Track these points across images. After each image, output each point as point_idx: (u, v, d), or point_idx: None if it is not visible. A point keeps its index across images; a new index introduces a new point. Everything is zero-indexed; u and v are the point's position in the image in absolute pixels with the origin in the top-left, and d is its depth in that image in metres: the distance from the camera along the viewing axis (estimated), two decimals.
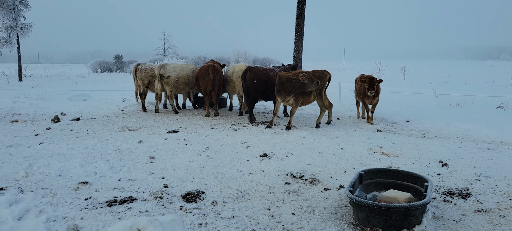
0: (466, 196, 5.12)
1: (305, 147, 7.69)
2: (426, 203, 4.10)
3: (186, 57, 53.21)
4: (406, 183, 5.01)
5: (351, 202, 4.27)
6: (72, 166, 6.16)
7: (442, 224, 4.27)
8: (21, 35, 29.43)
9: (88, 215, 4.40)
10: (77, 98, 15.95)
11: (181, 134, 8.87)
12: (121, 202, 4.77)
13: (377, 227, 4.10)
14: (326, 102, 10.19)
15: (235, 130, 9.35)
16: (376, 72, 30.70)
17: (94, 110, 12.43)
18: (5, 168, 6.07)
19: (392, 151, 7.40)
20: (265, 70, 10.63)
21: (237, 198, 4.99)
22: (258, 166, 6.38)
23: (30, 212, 4.46)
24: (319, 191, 5.29)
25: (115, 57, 57.09)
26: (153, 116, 11.50)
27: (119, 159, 6.70)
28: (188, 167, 6.28)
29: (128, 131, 9.26)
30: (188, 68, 12.25)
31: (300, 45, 16.83)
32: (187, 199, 4.92)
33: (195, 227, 4.14)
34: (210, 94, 11.39)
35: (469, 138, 8.80)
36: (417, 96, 16.81)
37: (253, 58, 57.75)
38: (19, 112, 12.00)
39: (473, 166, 6.44)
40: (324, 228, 4.18)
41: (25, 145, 7.63)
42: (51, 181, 5.50)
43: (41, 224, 4.08)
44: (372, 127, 10.07)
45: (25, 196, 4.88)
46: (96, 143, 7.79)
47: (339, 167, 6.39)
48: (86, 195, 4.99)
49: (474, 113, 11.80)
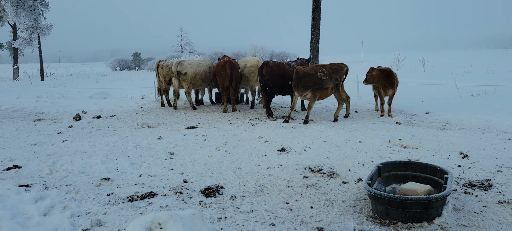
0: (488, 188, 5.03)
1: (323, 140, 7.67)
2: (446, 195, 4.06)
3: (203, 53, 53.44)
4: (426, 175, 4.96)
5: (370, 195, 4.26)
6: (94, 163, 6.32)
7: (463, 216, 4.22)
8: (42, 36, 30.09)
9: (110, 210, 4.52)
10: (97, 96, 16.28)
11: (200, 129, 8.96)
12: (142, 198, 4.88)
13: (396, 220, 4.08)
14: (343, 95, 10.12)
15: (253, 125, 9.39)
16: (395, 64, 30.27)
17: (114, 108, 12.66)
18: (30, 165, 6.27)
19: (412, 143, 7.31)
20: (282, 65, 10.62)
21: (255, 192, 5.03)
22: (276, 160, 6.41)
23: (55, 208, 4.61)
24: (337, 185, 5.28)
25: (134, 55, 57.82)
26: (171, 112, 11.64)
27: (139, 155, 6.83)
28: (206, 162, 6.36)
29: (148, 127, 9.41)
30: (205, 64, 12.33)
31: (317, 38, 16.70)
32: (206, 194, 4.99)
33: (215, 221, 4.20)
34: (227, 89, 11.45)
35: (491, 129, 8.61)
36: (437, 88, 16.49)
37: (270, 52, 57.57)
38: (42, 111, 12.32)
39: (495, 157, 6.31)
40: (342, 221, 4.19)
41: (48, 143, 7.85)
42: (74, 178, 5.66)
43: (66, 219, 4.21)
44: (391, 119, 9.96)
45: (49, 193, 5.03)
46: (116, 140, 7.96)
47: (357, 160, 6.36)
48: (108, 191, 5.12)
49: (496, 103, 11.52)
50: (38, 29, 29.51)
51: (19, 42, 29.57)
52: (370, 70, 10.32)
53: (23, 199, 4.73)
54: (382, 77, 10.12)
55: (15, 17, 27.74)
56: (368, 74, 10.31)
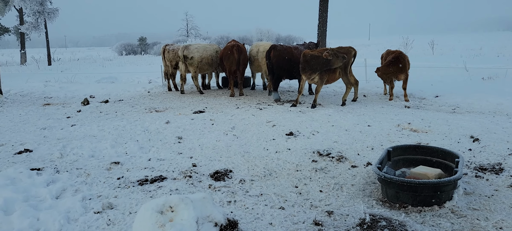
0: (499, 171, 5.00)
1: (331, 124, 7.64)
2: (457, 179, 4.03)
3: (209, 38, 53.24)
4: (436, 159, 4.92)
5: (380, 179, 4.25)
6: (103, 147, 6.35)
7: (474, 200, 4.20)
8: (48, 20, 30.09)
9: (121, 193, 4.56)
10: (105, 81, 16.32)
11: (207, 114, 8.96)
12: (152, 181, 4.91)
13: (406, 203, 4.07)
14: (351, 79, 10.04)
15: (260, 109, 9.37)
16: (403, 47, 29.89)
17: (121, 93, 12.70)
18: (40, 149, 6.33)
19: (421, 127, 7.26)
20: (290, 49, 10.52)
21: (264, 176, 5.04)
22: (285, 144, 6.40)
23: (66, 191, 4.66)
24: (346, 169, 5.27)
25: (139, 39, 57.73)
26: (178, 97, 11.65)
27: (148, 139, 6.86)
28: (215, 146, 6.37)
29: (156, 112, 9.43)
30: (212, 48, 12.27)
31: (324, 21, 16.50)
32: (215, 178, 5.01)
33: (224, 204, 4.22)
34: (234, 74, 11.40)
35: (501, 112, 8.52)
36: (446, 71, 16.30)
37: (276, 36, 57.17)
38: (50, 96, 12.40)
39: (506, 140, 6.25)
40: (352, 204, 4.19)
41: (58, 127, 7.91)
42: (85, 162, 5.71)
43: (77, 202, 4.25)
44: (400, 103, 9.88)
45: (61, 176, 5.08)
46: (125, 124, 7.99)
47: (366, 144, 6.33)
48: (118, 175, 5.16)
49: (507, 86, 11.37)
50: (44, 14, 29.50)
51: (26, 26, 29.63)
52: (377, 70, 10.26)
53: (35, 182, 4.78)
54: (389, 70, 10.03)
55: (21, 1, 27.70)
56: (377, 72, 10.26)
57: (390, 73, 10.15)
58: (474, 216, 3.83)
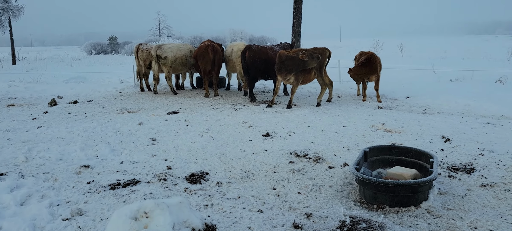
0: (471, 171, 5.11)
1: (307, 125, 7.64)
2: (433, 179, 4.07)
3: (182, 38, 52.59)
4: (411, 159, 4.98)
5: (358, 180, 4.24)
6: (72, 150, 6.09)
7: (448, 200, 4.26)
8: (13, 18, 28.85)
9: (91, 198, 4.35)
10: (73, 81, 15.77)
11: (182, 115, 8.78)
12: (125, 185, 4.72)
13: (384, 204, 4.08)
14: (326, 80, 10.10)
15: (236, 110, 9.27)
16: (373, 49, 30.45)
17: (91, 93, 12.29)
18: (4, 153, 5.99)
19: (395, 128, 7.36)
20: (265, 49, 10.48)
21: (241, 178, 4.95)
22: (261, 145, 6.33)
23: (32, 197, 4.41)
24: (323, 169, 5.25)
25: (110, 38, 56.40)
26: (151, 97, 11.38)
27: (120, 141, 6.63)
28: (190, 148, 6.22)
29: (128, 112, 9.16)
30: (186, 48, 12.06)
31: (299, 22, 16.59)
32: (191, 181, 4.88)
33: (201, 208, 4.10)
34: (209, 74, 11.25)
35: (469, 113, 8.77)
36: (416, 72, 16.71)
37: (250, 37, 57.15)
38: (15, 96, 11.85)
39: (475, 140, 6.41)
40: (331, 206, 4.16)
41: (23, 129, 7.53)
42: (52, 165, 5.44)
43: (44, 208, 4.02)
44: (373, 104, 10.01)
45: (26, 181, 4.81)
46: (95, 125, 7.70)
47: (343, 144, 6.35)
48: (88, 179, 4.93)
49: (473, 88, 11.75)
50: (8, 11, 28.26)
51: None
52: (349, 71, 10.42)
53: None
54: (361, 71, 10.20)
55: None
56: (349, 72, 10.41)
57: (362, 74, 10.30)
58: (449, 216, 3.88)
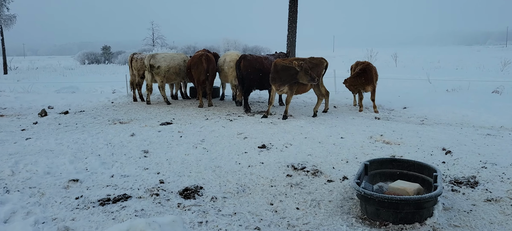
0: (474, 185, 4.95)
1: (304, 136, 7.46)
2: (438, 194, 3.90)
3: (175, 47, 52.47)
4: (413, 173, 4.82)
5: (359, 195, 4.06)
6: (61, 163, 5.85)
7: (454, 216, 4.08)
8: (5, 27, 28.62)
9: (79, 215, 4.12)
10: (65, 91, 15.52)
11: (175, 126, 8.57)
12: (115, 201, 4.49)
13: (387, 221, 3.90)
14: (323, 90, 9.96)
15: (231, 121, 9.07)
16: (367, 59, 30.52)
17: (83, 103, 12.04)
18: None
19: (393, 139, 7.21)
20: (260, 59, 10.33)
21: (237, 193, 4.74)
22: (257, 157, 6.13)
23: (16, 213, 4.17)
24: (322, 183, 5.07)
25: (103, 48, 56.08)
26: (144, 108, 11.16)
27: (111, 153, 6.40)
28: (184, 160, 6.01)
29: (119, 123, 8.93)
30: (179, 57, 11.88)
31: (294, 32, 16.47)
32: (185, 195, 4.66)
33: (195, 226, 3.89)
34: (203, 84, 11.07)
35: (468, 124, 8.66)
36: (411, 82, 16.67)
37: (243, 46, 57.14)
38: (4, 107, 11.56)
39: (477, 153, 6.27)
40: (331, 223, 3.97)
41: (10, 141, 7.27)
42: (39, 179, 5.20)
43: (29, 226, 3.80)
44: (370, 114, 9.88)
45: (11, 196, 4.57)
46: (86, 137, 7.46)
47: (341, 157, 6.17)
48: (77, 194, 4.70)
49: (471, 99, 11.67)
50: (0, 20, 27.99)
51: None
52: (344, 81, 10.34)
53: None
54: (357, 81, 10.11)
55: None
56: (345, 83, 10.33)
57: (357, 85, 10.18)
58: None
